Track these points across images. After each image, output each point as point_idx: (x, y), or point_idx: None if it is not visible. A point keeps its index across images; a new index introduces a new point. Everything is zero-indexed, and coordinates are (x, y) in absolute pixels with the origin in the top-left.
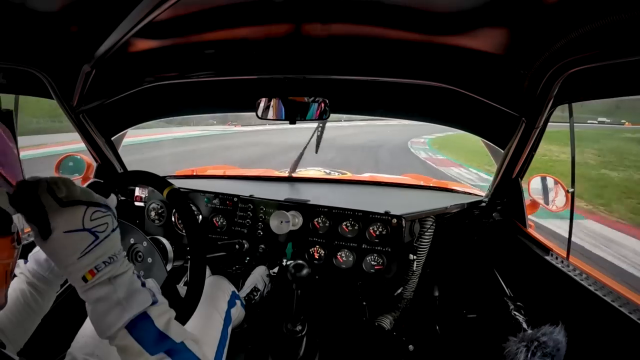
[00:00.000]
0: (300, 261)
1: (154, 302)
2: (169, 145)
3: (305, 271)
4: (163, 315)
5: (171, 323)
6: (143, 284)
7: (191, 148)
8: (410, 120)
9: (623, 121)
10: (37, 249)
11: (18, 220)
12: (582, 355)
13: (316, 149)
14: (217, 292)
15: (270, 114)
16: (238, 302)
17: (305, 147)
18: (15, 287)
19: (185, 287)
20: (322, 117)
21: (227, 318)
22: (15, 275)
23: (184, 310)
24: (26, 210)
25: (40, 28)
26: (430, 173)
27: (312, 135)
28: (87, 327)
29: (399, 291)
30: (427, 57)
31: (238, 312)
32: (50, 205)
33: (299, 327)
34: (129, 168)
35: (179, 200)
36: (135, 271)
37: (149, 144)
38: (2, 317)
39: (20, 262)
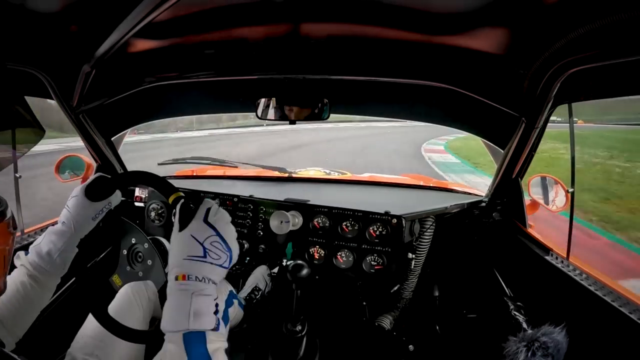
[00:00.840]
0: (300, 261)
1: (215, 329)
2: None
3: (305, 271)
4: (216, 342)
5: (219, 352)
6: (216, 312)
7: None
8: (409, 120)
9: (575, 119)
10: (38, 241)
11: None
12: (582, 355)
13: None
14: None
15: (270, 114)
16: (235, 301)
17: None
18: (16, 278)
19: None
20: (322, 117)
21: (225, 317)
22: (15, 267)
23: None
24: (187, 205)
25: (40, 28)
26: None
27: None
28: (87, 327)
29: (396, 288)
30: (426, 57)
31: (235, 312)
32: (199, 216)
33: (299, 327)
34: None
35: (184, 207)
36: (219, 301)
37: None
38: (1, 308)
39: (21, 253)
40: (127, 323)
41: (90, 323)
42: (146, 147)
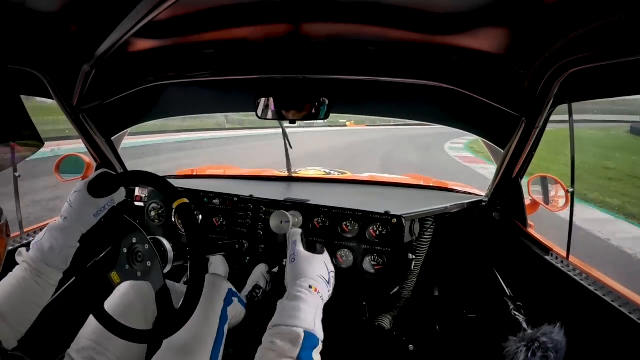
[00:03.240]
0: None
1: (322, 341)
2: None
3: None
4: (318, 354)
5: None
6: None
7: None
8: (409, 120)
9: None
10: (39, 237)
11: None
12: (582, 355)
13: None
14: (212, 290)
15: (270, 114)
16: (235, 299)
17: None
18: (18, 275)
19: (185, 286)
20: (322, 117)
21: (224, 316)
22: (17, 264)
23: (184, 311)
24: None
25: (40, 28)
26: None
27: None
28: (88, 327)
29: (395, 290)
30: (427, 57)
31: (236, 310)
32: (327, 256)
33: None
34: None
35: (188, 214)
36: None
37: None
38: (3, 305)
39: (23, 250)
40: (129, 323)
41: (91, 323)
42: None
